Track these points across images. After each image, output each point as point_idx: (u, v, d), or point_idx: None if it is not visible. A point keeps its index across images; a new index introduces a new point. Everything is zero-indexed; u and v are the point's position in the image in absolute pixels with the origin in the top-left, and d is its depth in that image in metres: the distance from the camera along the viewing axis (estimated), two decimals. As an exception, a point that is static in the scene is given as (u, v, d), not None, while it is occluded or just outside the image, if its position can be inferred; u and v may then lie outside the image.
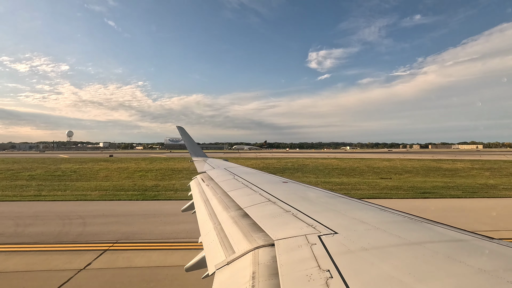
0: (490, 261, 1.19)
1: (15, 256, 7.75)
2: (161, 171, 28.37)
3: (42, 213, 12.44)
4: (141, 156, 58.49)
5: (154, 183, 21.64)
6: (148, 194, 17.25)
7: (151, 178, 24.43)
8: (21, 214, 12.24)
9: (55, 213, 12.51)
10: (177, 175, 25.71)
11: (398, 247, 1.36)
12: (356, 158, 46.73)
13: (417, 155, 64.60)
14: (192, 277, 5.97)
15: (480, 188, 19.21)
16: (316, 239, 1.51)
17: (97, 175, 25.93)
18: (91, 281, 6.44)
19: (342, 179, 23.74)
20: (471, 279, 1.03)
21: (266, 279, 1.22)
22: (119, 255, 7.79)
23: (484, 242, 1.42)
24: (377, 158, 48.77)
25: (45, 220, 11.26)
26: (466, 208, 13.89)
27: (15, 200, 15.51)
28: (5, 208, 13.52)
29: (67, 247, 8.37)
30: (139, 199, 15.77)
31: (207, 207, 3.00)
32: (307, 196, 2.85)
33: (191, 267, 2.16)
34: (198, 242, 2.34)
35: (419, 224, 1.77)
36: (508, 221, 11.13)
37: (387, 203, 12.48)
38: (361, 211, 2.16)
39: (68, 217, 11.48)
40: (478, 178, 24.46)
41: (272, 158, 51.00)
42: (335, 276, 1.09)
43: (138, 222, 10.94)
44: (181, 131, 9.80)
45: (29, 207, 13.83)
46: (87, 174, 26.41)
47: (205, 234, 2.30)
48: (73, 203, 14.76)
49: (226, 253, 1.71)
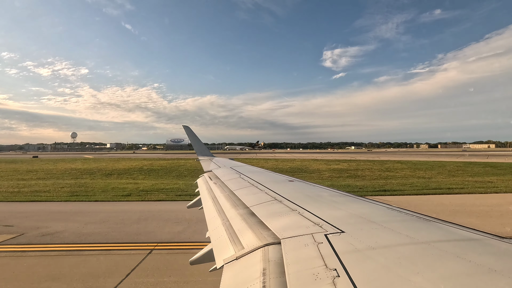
0: (500, 261, 1.17)
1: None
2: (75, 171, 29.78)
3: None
4: (103, 156, 63.14)
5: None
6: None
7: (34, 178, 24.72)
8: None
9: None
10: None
11: (406, 246, 1.34)
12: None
13: (402, 156, 63.75)
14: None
15: (342, 188, 18.56)
16: (322, 238, 1.50)
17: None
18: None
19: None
20: (481, 278, 1.02)
21: (277, 276, 1.23)
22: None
23: (494, 242, 1.39)
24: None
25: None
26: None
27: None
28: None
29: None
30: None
31: (215, 204, 3.03)
32: (313, 194, 2.84)
33: (196, 260, 2.19)
34: (206, 237, 2.38)
35: (427, 223, 1.75)
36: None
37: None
38: (368, 210, 2.14)
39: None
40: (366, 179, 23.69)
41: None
42: (342, 275, 1.09)
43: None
44: (187, 130, 9.86)
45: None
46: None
47: (213, 229, 2.33)
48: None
49: (235, 248, 1.73)
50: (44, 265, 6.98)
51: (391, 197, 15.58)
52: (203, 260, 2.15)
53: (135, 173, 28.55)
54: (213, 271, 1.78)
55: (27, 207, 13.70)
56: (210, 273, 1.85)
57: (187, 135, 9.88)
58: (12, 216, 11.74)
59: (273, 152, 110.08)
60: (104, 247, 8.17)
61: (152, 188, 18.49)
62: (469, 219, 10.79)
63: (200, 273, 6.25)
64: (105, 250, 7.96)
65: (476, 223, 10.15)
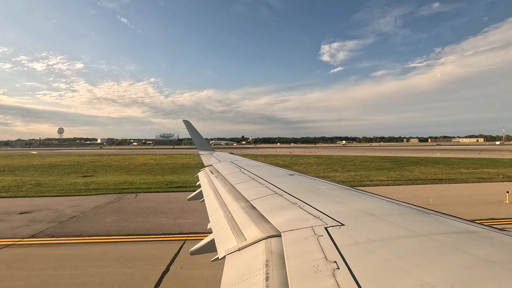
0: (499, 252, 1.18)
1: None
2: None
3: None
4: (54, 152, 61.45)
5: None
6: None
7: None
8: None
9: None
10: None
11: (405, 239, 1.35)
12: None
13: (367, 151, 62.61)
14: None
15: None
16: (323, 231, 1.51)
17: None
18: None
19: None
20: (479, 270, 1.03)
21: (280, 267, 1.24)
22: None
23: (493, 234, 1.40)
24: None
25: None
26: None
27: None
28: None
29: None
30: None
31: (217, 197, 3.06)
32: (313, 188, 2.85)
33: (196, 251, 2.22)
34: (207, 228, 2.41)
35: (426, 216, 1.76)
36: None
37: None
38: (368, 203, 2.15)
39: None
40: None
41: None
42: (342, 267, 1.10)
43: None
44: (187, 124, 9.85)
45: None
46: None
47: (215, 221, 2.36)
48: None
49: (238, 239, 1.75)
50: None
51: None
52: (204, 251, 2.18)
53: (31, 170, 27.31)
54: (215, 261, 1.80)
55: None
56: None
57: (187, 130, 9.88)
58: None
59: (255, 147, 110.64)
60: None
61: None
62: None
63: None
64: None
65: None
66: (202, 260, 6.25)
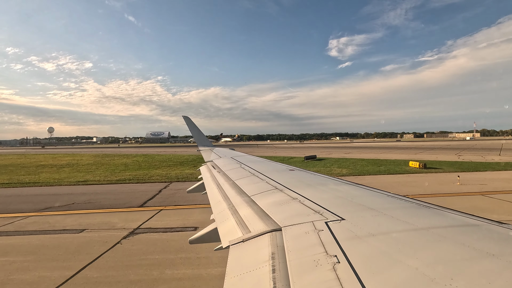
0: (498, 246, 1.19)
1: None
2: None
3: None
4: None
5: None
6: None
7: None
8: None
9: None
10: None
11: (405, 233, 1.36)
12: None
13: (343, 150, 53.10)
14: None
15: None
16: (323, 226, 1.52)
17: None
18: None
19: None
20: (479, 262, 1.03)
21: (285, 261, 1.25)
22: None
23: (493, 227, 1.41)
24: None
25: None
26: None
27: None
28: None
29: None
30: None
31: (220, 190, 3.10)
32: (313, 183, 2.85)
33: (195, 240, 2.24)
34: (210, 219, 2.42)
35: (426, 210, 1.77)
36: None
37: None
38: (368, 198, 2.16)
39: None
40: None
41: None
42: (342, 261, 1.11)
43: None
44: (187, 120, 9.84)
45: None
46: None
47: (219, 212, 2.39)
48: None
49: (243, 230, 1.77)
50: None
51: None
52: (203, 240, 2.20)
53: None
54: (218, 250, 1.83)
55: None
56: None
57: (187, 126, 9.86)
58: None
59: (231, 144, 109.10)
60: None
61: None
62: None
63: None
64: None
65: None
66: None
